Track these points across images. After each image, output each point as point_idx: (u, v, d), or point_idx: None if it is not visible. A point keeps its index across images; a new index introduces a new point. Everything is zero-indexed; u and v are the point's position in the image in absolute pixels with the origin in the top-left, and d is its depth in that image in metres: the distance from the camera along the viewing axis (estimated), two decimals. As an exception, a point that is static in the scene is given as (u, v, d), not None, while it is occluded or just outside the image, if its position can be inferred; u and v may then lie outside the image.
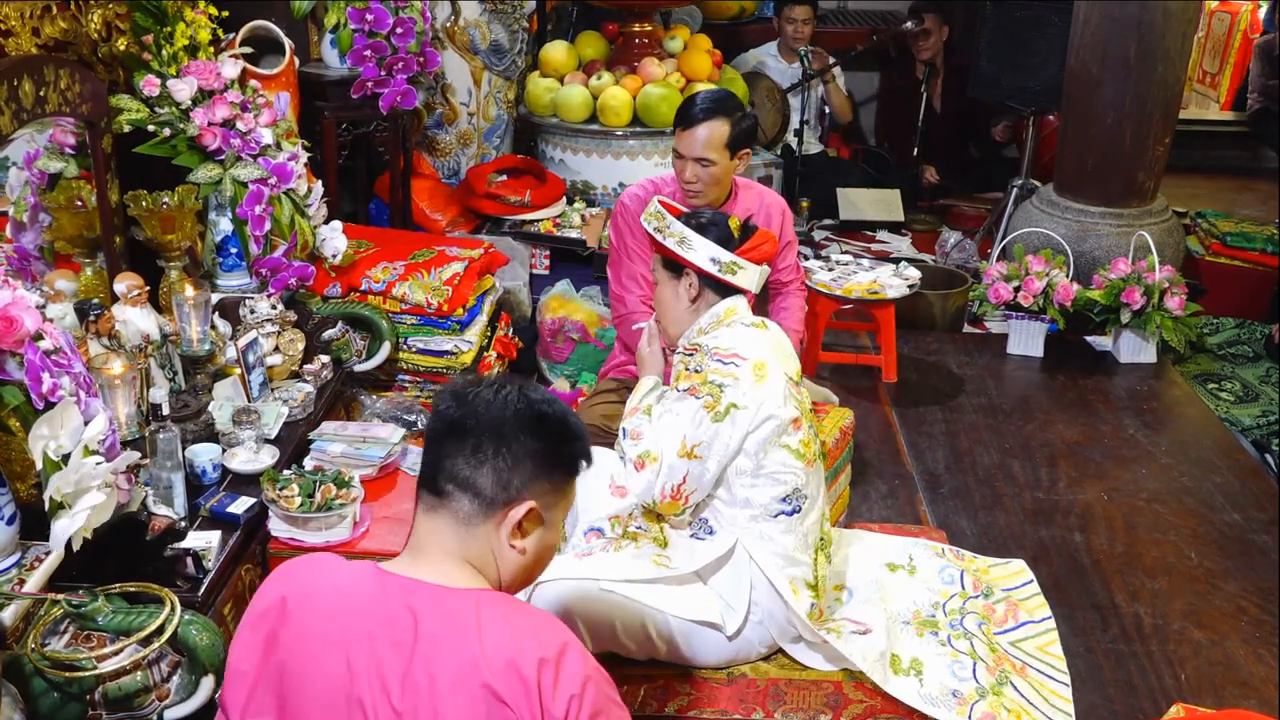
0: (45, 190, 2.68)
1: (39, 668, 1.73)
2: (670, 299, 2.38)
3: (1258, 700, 2.42)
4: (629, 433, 2.28)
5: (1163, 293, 3.95)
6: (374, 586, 1.42)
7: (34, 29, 2.46)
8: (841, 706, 2.25)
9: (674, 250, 2.31)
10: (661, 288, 2.40)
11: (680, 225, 2.32)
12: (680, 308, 2.37)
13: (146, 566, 2.04)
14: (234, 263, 3.03)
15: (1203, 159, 6.54)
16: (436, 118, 4.53)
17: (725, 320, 2.32)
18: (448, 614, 1.38)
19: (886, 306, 3.79)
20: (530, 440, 1.46)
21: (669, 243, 2.32)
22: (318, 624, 1.40)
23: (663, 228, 2.34)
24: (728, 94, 2.97)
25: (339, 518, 2.36)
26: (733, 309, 2.34)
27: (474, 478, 1.44)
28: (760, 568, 2.23)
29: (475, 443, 1.44)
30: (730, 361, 2.21)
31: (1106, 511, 3.14)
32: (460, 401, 1.48)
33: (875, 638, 2.35)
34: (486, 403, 1.47)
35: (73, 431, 1.90)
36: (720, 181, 2.91)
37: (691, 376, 2.23)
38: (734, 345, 2.24)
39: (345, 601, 1.41)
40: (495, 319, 3.69)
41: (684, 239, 2.31)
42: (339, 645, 1.38)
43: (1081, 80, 4.32)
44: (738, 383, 2.18)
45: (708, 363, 2.22)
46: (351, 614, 1.40)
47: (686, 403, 2.20)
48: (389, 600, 1.40)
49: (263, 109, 2.97)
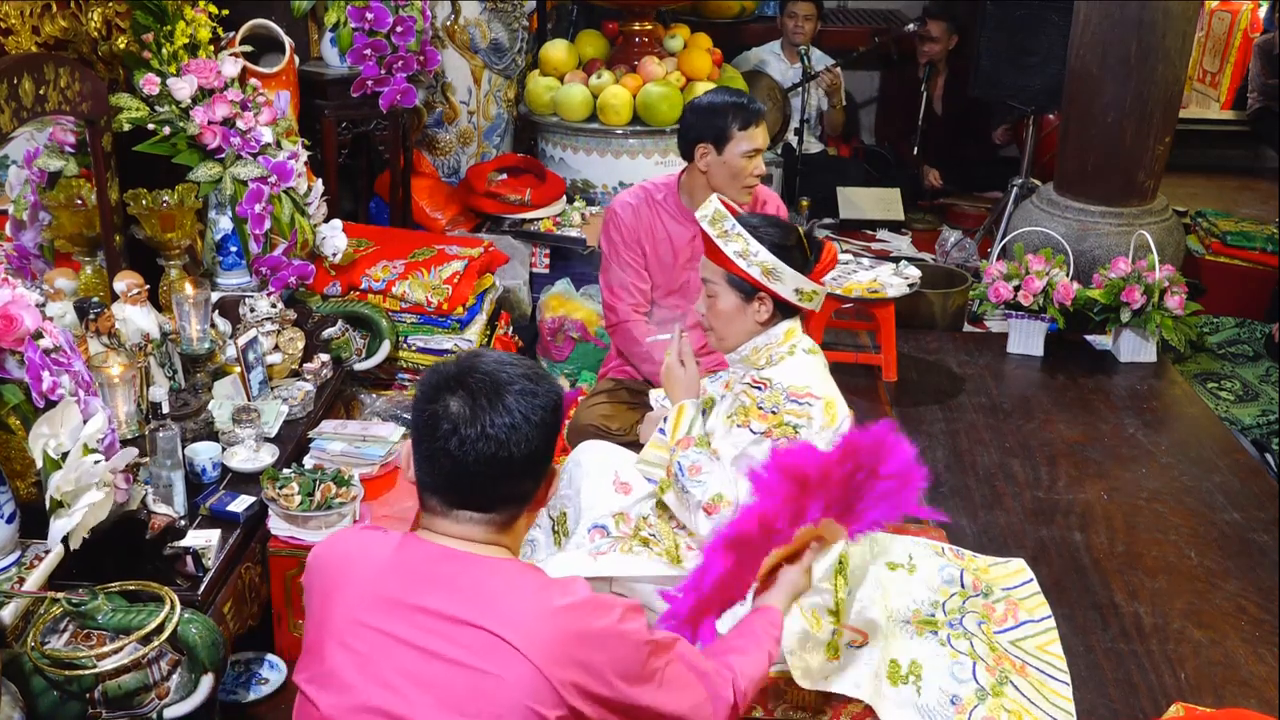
0: (45, 189, 2.68)
1: (39, 666, 1.73)
2: (734, 314, 2.28)
3: (1258, 699, 2.42)
4: (686, 469, 2.18)
5: (1163, 292, 3.95)
6: (415, 552, 1.49)
7: (34, 27, 2.46)
8: (841, 705, 2.25)
9: (758, 280, 2.21)
10: (722, 300, 2.28)
11: (769, 254, 2.20)
12: (745, 325, 2.29)
13: (146, 565, 2.04)
14: (234, 261, 3.03)
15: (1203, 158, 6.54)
16: (437, 116, 4.53)
17: (786, 343, 2.26)
18: (481, 578, 1.46)
19: (886, 305, 3.78)
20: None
21: (753, 271, 2.20)
22: (359, 595, 1.47)
23: (746, 253, 2.20)
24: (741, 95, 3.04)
25: (339, 516, 2.36)
26: (792, 330, 2.29)
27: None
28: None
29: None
30: (805, 401, 2.17)
31: (1106, 511, 3.14)
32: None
33: (871, 650, 2.35)
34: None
35: (72, 430, 1.90)
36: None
37: (768, 417, 2.16)
38: (807, 382, 2.18)
39: (379, 573, 1.48)
40: (495, 318, 3.69)
41: (773, 270, 2.20)
42: (385, 616, 1.44)
43: (1082, 79, 4.32)
44: (810, 423, 2.15)
45: (784, 403, 2.16)
46: (385, 584, 1.46)
47: (763, 446, 2.13)
48: (431, 563, 1.47)
49: (263, 107, 2.97)
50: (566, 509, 2.46)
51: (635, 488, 2.41)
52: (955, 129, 6.02)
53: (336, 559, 1.52)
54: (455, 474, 1.45)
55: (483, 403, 1.44)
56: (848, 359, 3.99)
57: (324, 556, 1.54)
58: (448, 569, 1.45)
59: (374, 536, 1.53)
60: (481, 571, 1.45)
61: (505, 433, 1.44)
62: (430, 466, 1.47)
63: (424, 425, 1.46)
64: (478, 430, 1.43)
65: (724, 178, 2.89)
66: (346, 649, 1.44)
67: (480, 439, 1.43)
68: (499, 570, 1.46)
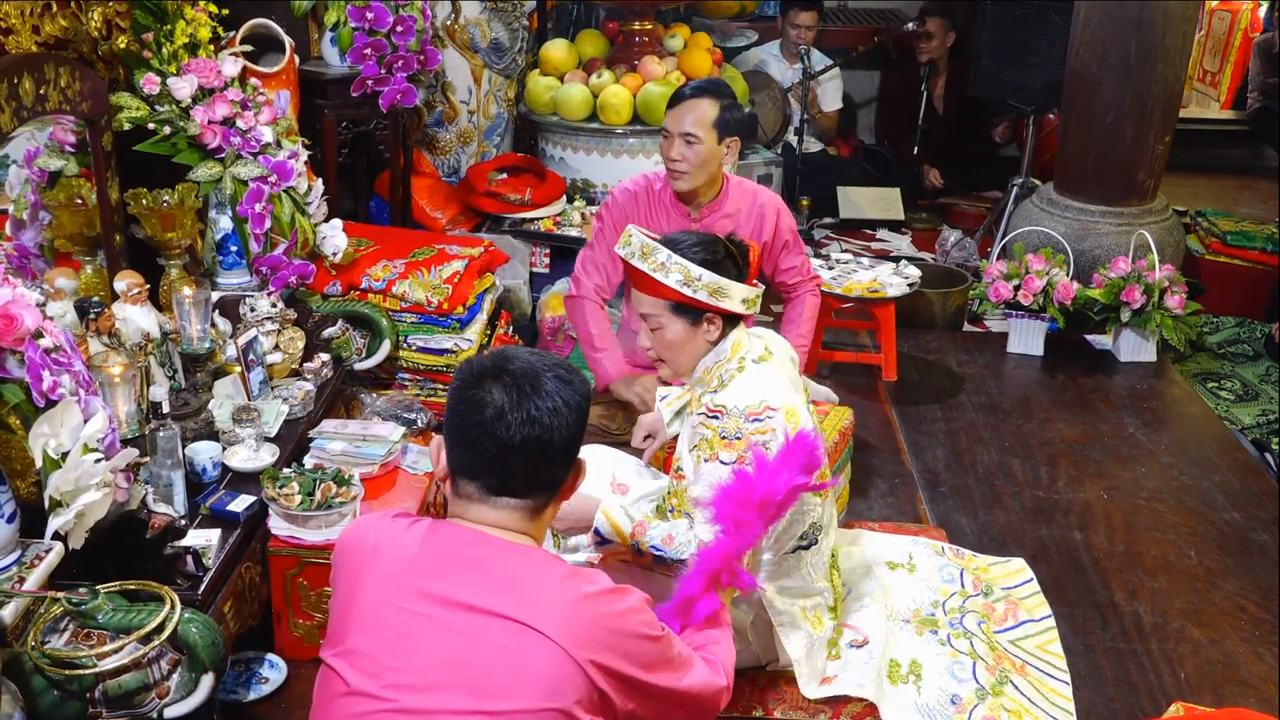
0: (45, 188, 2.68)
1: (39, 665, 1.73)
2: (684, 341, 2.21)
3: (1257, 699, 2.42)
4: (661, 545, 2.07)
5: (1163, 291, 3.95)
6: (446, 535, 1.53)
7: (34, 27, 2.46)
8: (841, 705, 2.26)
9: (706, 302, 2.15)
10: (669, 330, 2.20)
11: (711, 274, 2.13)
12: (697, 348, 2.23)
13: (146, 564, 2.04)
14: (234, 261, 3.03)
15: (1203, 158, 6.54)
16: (437, 116, 4.53)
17: (734, 358, 2.20)
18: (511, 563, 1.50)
19: (886, 305, 3.79)
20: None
21: (700, 295, 2.14)
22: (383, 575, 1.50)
23: (689, 279, 2.13)
24: (725, 84, 3.03)
25: (339, 516, 2.36)
26: (738, 343, 2.23)
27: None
28: (773, 611, 2.21)
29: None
30: (764, 417, 2.11)
31: (1106, 510, 3.14)
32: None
33: (872, 650, 2.35)
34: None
35: (73, 429, 1.90)
36: (705, 165, 2.91)
37: (734, 445, 2.10)
38: (762, 397, 2.13)
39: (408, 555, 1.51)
40: (495, 317, 3.68)
41: (720, 289, 2.15)
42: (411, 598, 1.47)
43: (1082, 79, 4.32)
44: (776, 434, 2.10)
45: (745, 425, 2.10)
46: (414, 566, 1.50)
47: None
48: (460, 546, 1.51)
49: (263, 107, 2.97)
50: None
51: (631, 488, 2.41)
52: (955, 129, 6.02)
53: (366, 544, 1.54)
54: (500, 457, 1.49)
55: (526, 389, 1.50)
56: (848, 359, 3.99)
57: (353, 540, 1.57)
58: (479, 554, 1.48)
59: (403, 522, 1.56)
60: (513, 558, 1.49)
61: (549, 417, 1.50)
62: (472, 452, 1.50)
63: (467, 411, 1.50)
64: (524, 415, 1.48)
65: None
66: (376, 630, 1.46)
67: (526, 423, 1.48)
68: (528, 558, 1.50)
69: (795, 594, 2.24)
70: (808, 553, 2.23)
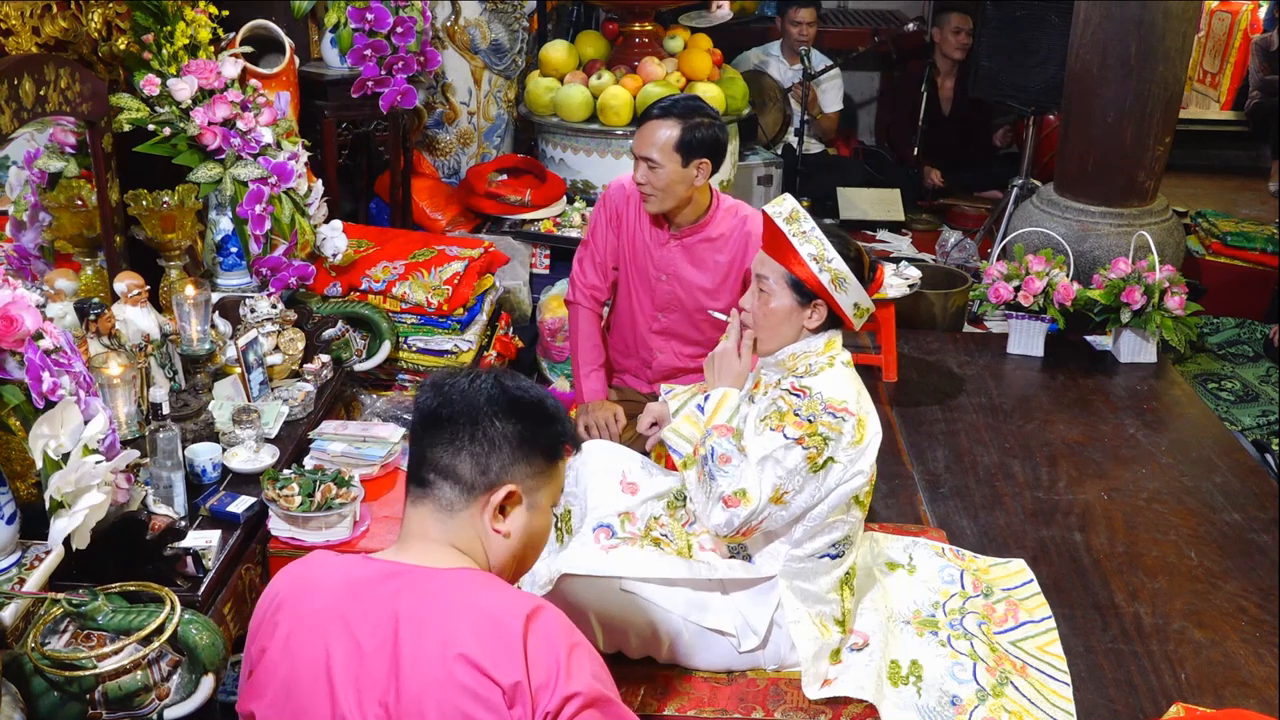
0: (45, 189, 2.68)
1: (39, 667, 1.73)
2: (784, 317, 2.25)
3: (1258, 700, 2.42)
4: (718, 456, 2.17)
5: (1163, 292, 3.95)
6: (360, 571, 1.45)
7: (34, 28, 2.46)
8: (841, 706, 2.26)
9: (824, 286, 2.18)
10: (776, 299, 2.24)
11: (842, 263, 2.17)
12: (793, 329, 2.26)
13: (146, 566, 2.04)
14: (234, 262, 3.03)
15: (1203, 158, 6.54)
16: (437, 117, 4.53)
17: (826, 353, 2.24)
18: (430, 590, 1.41)
19: (887, 306, 3.78)
20: (506, 424, 1.49)
21: (823, 277, 2.17)
22: (304, 613, 1.43)
23: (821, 258, 2.17)
24: (694, 100, 2.88)
25: (339, 517, 2.36)
26: (833, 341, 2.27)
27: (453, 464, 1.48)
28: (787, 607, 2.24)
29: (452, 430, 1.48)
30: (841, 415, 2.15)
31: (1106, 511, 3.14)
32: (437, 392, 1.52)
33: (872, 652, 2.35)
34: (461, 391, 1.51)
35: (73, 431, 1.90)
36: (670, 189, 2.81)
37: (803, 425, 2.13)
38: (845, 397, 2.16)
39: (330, 589, 1.44)
40: (495, 318, 3.69)
41: (842, 280, 2.17)
42: (320, 632, 1.41)
43: (1082, 80, 4.32)
44: (840, 437, 2.14)
45: (821, 414, 2.13)
46: (334, 599, 1.43)
47: (794, 453, 2.12)
48: (372, 583, 1.43)
49: (263, 108, 2.97)
50: (571, 506, 2.46)
51: (642, 488, 2.42)
52: (957, 129, 6.03)
53: (278, 594, 1.49)
54: (461, 413, 1.48)
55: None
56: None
57: (270, 594, 1.51)
58: (400, 589, 1.41)
59: (323, 564, 1.51)
60: (448, 587, 1.41)
61: (520, 392, 1.51)
62: (432, 425, 1.49)
63: (430, 388, 1.51)
64: (491, 379, 1.50)
65: None
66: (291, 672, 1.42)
67: (490, 384, 1.50)
68: (461, 583, 1.42)
69: (807, 598, 2.26)
70: (833, 563, 2.27)
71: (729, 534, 2.16)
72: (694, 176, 2.82)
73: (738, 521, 2.13)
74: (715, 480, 2.16)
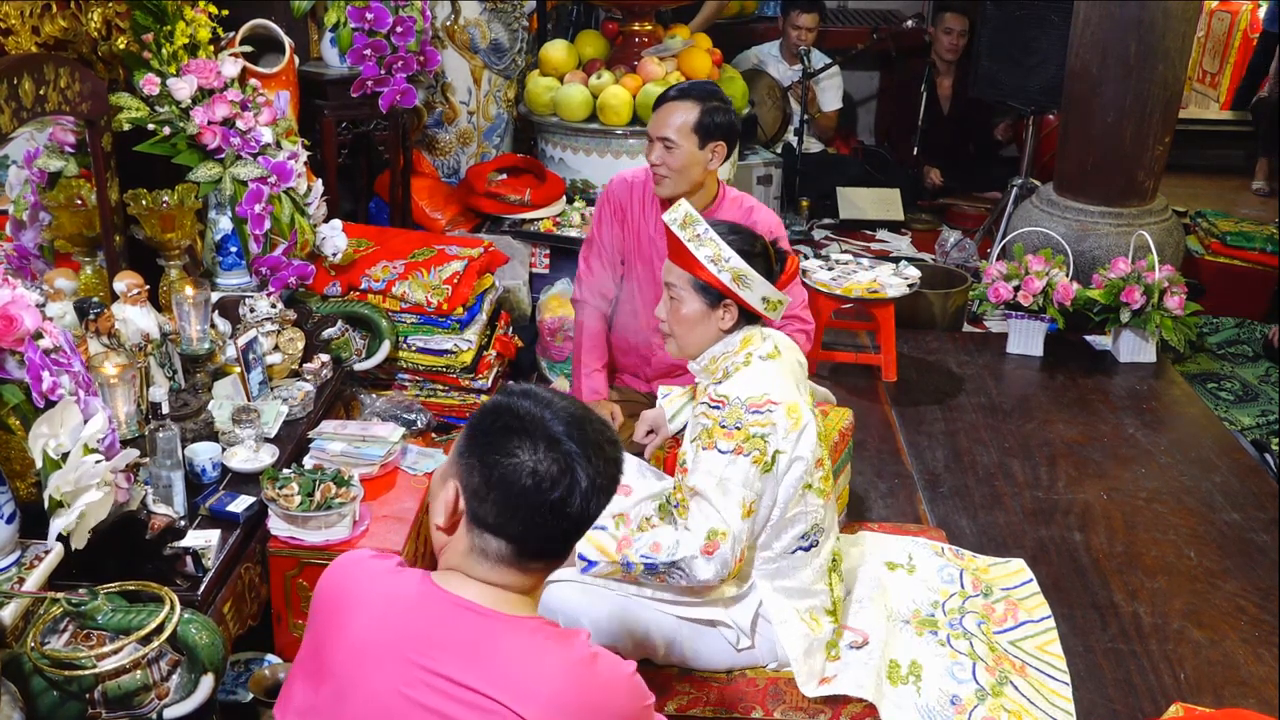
0: (45, 189, 2.68)
1: (38, 666, 1.73)
2: (697, 320, 2.24)
3: (1257, 700, 2.42)
4: (649, 552, 2.09)
5: (1162, 292, 3.95)
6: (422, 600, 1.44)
7: (34, 27, 2.46)
8: (840, 705, 2.26)
9: (727, 286, 2.17)
10: (686, 305, 2.24)
11: (739, 260, 2.16)
12: (708, 332, 2.26)
13: (146, 565, 2.04)
14: (234, 261, 3.03)
15: (1203, 158, 6.54)
16: (436, 116, 4.53)
17: (741, 352, 2.22)
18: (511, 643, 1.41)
19: (886, 306, 3.79)
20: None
21: (723, 277, 2.16)
22: (368, 634, 1.42)
23: (718, 258, 2.16)
24: (710, 85, 2.93)
25: (338, 516, 2.36)
26: (749, 338, 2.25)
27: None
28: (770, 611, 2.22)
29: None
30: (764, 409, 2.13)
31: (1106, 511, 3.14)
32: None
33: (872, 651, 2.35)
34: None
35: (72, 430, 1.90)
36: (685, 170, 2.83)
37: (732, 434, 2.11)
38: (764, 390, 2.14)
39: (394, 614, 1.43)
40: (495, 318, 3.68)
41: (743, 277, 2.17)
42: (387, 661, 1.40)
43: (1081, 80, 4.32)
44: (775, 428, 2.12)
45: (745, 416, 2.11)
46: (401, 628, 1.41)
47: (738, 464, 2.09)
48: (444, 618, 1.42)
49: (263, 108, 2.97)
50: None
51: (635, 490, 2.41)
52: (956, 129, 6.02)
53: (345, 593, 1.47)
54: (566, 534, 1.43)
55: (590, 453, 1.41)
56: (848, 359, 3.99)
57: (332, 587, 1.49)
58: (466, 629, 1.40)
59: (387, 576, 1.47)
60: (505, 634, 1.41)
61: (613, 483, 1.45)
62: (527, 525, 1.41)
63: (531, 485, 1.39)
64: (600, 491, 1.42)
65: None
66: (347, 697, 1.40)
67: (600, 493, 1.42)
68: (519, 630, 1.42)
69: (792, 594, 2.24)
70: (808, 554, 2.24)
71: (726, 574, 2.11)
72: (708, 159, 2.84)
73: (727, 557, 2.08)
74: (676, 564, 2.09)
